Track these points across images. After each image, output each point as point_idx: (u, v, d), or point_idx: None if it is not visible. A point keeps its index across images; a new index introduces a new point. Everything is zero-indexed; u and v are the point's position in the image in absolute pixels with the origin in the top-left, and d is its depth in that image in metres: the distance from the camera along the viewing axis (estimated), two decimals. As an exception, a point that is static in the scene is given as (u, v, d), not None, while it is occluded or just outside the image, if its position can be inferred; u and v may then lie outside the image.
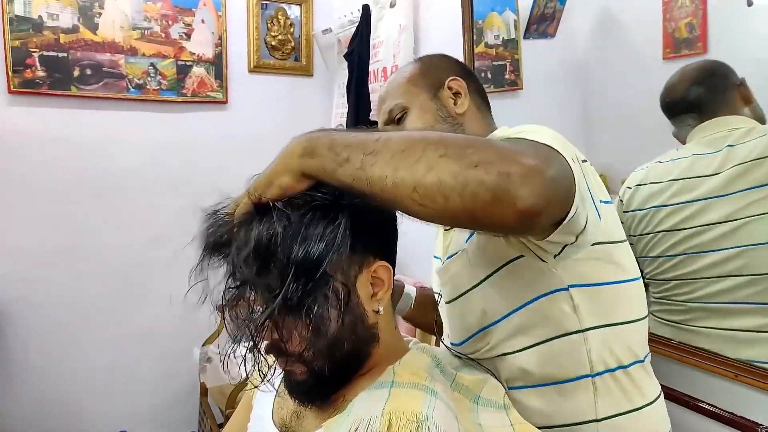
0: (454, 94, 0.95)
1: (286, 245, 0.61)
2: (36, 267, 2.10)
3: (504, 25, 1.57)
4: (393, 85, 0.97)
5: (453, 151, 0.51)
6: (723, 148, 1.10)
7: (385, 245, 0.69)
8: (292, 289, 0.60)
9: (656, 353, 1.03)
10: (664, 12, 1.19)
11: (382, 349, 0.69)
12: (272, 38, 2.45)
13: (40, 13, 2.05)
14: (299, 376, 0.67)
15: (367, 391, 0.65)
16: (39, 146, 2.09)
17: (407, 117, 0.93)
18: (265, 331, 0.63)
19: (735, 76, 1.10)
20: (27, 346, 2.11)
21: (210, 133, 2.34)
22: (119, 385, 2.25)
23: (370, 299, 0.67)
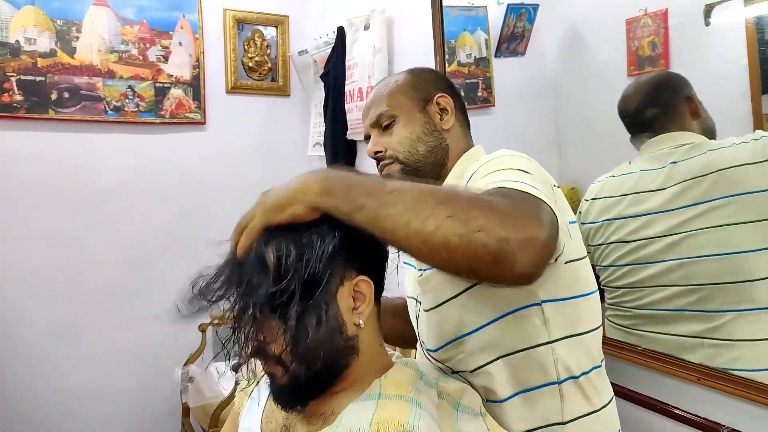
0: (441, 110, 0.96)
1: (281, 255, 0.63)
2: (14, 286, 2.04)
3: (476, 44, 1.58)
4: (383, 91, 0.97)
5: (459, 213, 0.55)
6: (667, 164, 1.14)
7: (369, 262, 0.69)
8: (275, 293, 0.62)
9: (610, 356, 1.08)
10: (627, 31, 1.21)
11: (364, 362, 0.69)
12: (249, 59, 2.43)
13: (18, 37, 2.02)
14: (280, 379, 0.67)
15: (355, 403, 0.66)
16: (17, 168, 2.04)
17: (395, 125, 0.94)
18: (250, 331, 0.64)
19: (687, 88, 1.13)
20: (2, 366, 2.03)
21: (189, 154, 2.31)
22: (99, 406, 2.18)
23: (350, 312, 0.67)
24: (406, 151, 0.92)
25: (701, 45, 1.10)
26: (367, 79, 1.93)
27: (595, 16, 1.30)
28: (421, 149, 0.92)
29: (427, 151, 0.92)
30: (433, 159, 0.93)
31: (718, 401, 1.01)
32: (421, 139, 0.92)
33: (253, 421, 0.78)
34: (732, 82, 1.03)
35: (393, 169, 0.93)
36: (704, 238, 1.04)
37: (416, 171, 0.92)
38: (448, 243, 0.55)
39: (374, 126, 0.96)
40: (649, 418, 1.11)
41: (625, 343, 1.18)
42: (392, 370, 0.72)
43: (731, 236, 0.99)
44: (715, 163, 1.07)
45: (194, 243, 2.28)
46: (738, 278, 1.03)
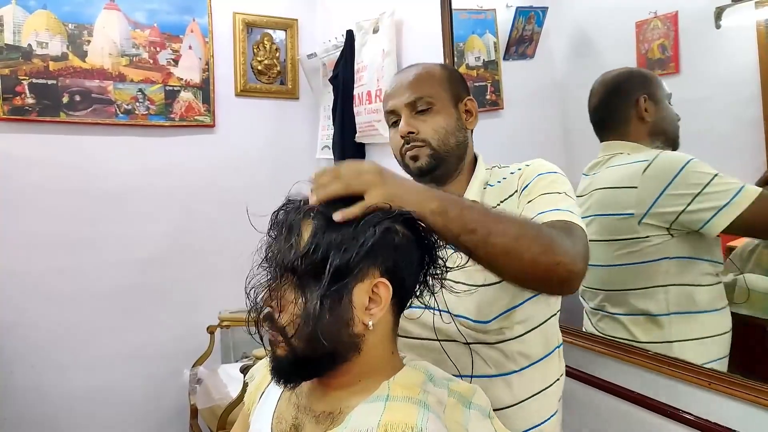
0: (467, 111, 1.03)
1: (320, 238, 0.66)
2: (25, 288, 2.06)
3: (484, 48, 1.58)
4: (422, 77, 1.00)
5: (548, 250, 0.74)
6: (590, 174, 1.25)
7: (397, 269, 0.70)
8: (299, 264, 0.65)
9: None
10: (637, 34, 1.20)
11: (369, 363, 0.70)
12: (258, 63, 2.44)
13: (30, 41, 2.04)
14: (279, 349, 0.69)
15: (363, 404, 0.66)
16: (29, 171, 2.06)
17: (431, 112, 0.98)
18: (268, 290, 0.68)
19: (641, 89, 1.17)
20: (14, 367, 2.05)
21: (198, 157, 2.32)
22: (108, 407, 2.19)
23: (363, 310, 0.67)
24: (439, 139, 0.98)
25: (712, 48, 1.09)
26: (375, 82, 1.93)
27: (605, 18, 1.29)
28: (452, 142, 0.99)
29: (456, 145, 0.99)
30: (457, 153, 1.00)
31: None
32: (453, 132, 0.99)
33: (264, 421, 0.78)
34: (743, 85, 1.03)
35: (423, 152, 0.98)
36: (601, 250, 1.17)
37: (442, 160, 0.98)
38: (537, 272, 0.74)
39: (409, 107, 0.99)
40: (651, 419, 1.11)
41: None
42: (401, 372, 0.72)
43: (596, 252, 1.09)
44: (600, 180, 1.21)
45: (203, 245, 2.30)
46: (613, 287, 1.21)
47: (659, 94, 1.17)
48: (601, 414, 1.22)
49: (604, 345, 1.21)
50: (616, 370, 1.19)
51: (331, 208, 0.68)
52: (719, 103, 1.07)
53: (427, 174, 0.99)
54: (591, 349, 1.24)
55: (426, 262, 0.73)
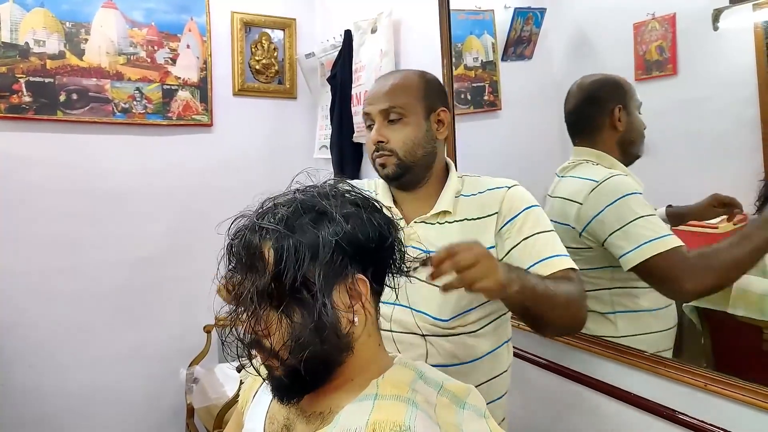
0: (439, 122, 1.07)
1: (282, 253, 0.65)
2: (23, 287, 2.05)
3: (482, 48, 1.58)
4: (398, 87, 1.06)
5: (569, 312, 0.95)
6: (563, 176, 1.30)
7: (368, 262, 0.70)
8: (273, 287, 0.65)
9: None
10: (635, 35, 1.21)
11: (359, 360, 0.71)
12: (256, 62, 2.44)
13: (27, 39, 2.03)
14: (276, 372, 0.69)
15: (352, 403, 0.67)
16: (26, 170, 2.05)
17: (401, 122, 1.04)
18: (251, 320, 0.67)
19: (616, 99, 1.20)
20: (12, 367, 2.05)
21: (196, 156, 2.32)
22: (106, 406, 2.19)
23: (346, 309, 0.68)
24: (406, 150, 1.04)
25: (709, 49, 1.10)
26: (373, 82, 1.93)
27: (603, 20, 1.30)
28: (419, 153, 1.04)
29: (423, 156, 1.05)
30: (424, 163, 1.06)
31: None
32: (421, 144, 1.04)
33: (257, 422, 0.79)
34: (740, 86, 1.03)
35: (390, 161, 1.05)
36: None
37: (408, 169, 1.05)
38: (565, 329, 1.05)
39: (382, 114, 1.05)
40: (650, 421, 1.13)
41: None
42: (390, 370, 0.73)
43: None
44: (561, 188, 1.28)
45: (200, 244, 2.29)
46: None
47: (632, 104, 1.21)
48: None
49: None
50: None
51: (287, 222, 0.67)
52: (717, 105, 1.07)
53: (393, 180, 1.07)
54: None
55: (390, 247, 0.73)
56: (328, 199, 0.70)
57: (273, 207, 0.70)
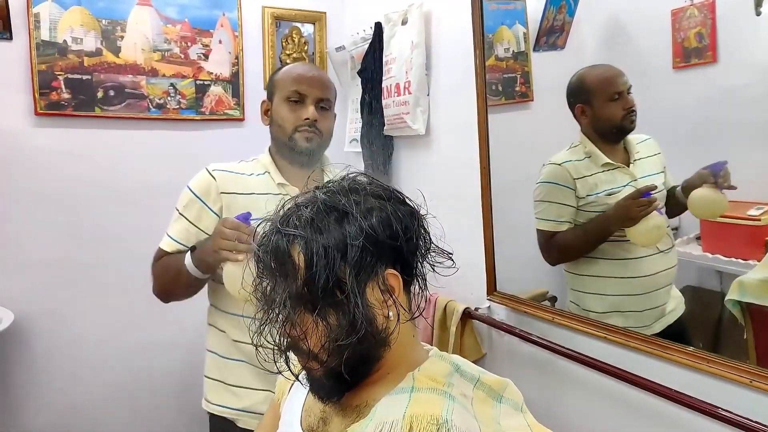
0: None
1: (310, 252, 0.67)
2: (59, 280, 2.13)
3: (514, 39, 1.58)
4: (329, 82, 1.37)
5: None
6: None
7: (397, 255, 0.71)
8: (306, 290, 0.66)
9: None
10: (673, 22, 1.19)
11: (396, 354, 0.71)
12: (287, 56, 2.49)
13: (65, 37, 2.10)
14: (316, 373, 0.71)
15: (389, 396, 0.68)
16: (64, 165, 2.13)
17: (327, 112, 1.35)
18: (284, 326, 0.69)
19: (580, 97, 1.38)
20: (50, 357, 2.14)
21: (228, 150, 2.36)
22: (141, 396, 2.27)
23: (380, 305, 0.69)
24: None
25: (751, 35, 1.08)
26: (404, 74, 1.95)
27: (639, 7, 1.28)
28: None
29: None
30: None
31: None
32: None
33: (294, 414, 0.81)
34: (783, 73, 1.01)
35: (316, 139, 1.30)
36: None
37: (321, 151, 1.36)
38: None
39: (318, 100, 1.30)
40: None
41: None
42: (426, 363, 0.74)
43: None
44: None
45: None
46: None
47: (598, 99, 1.37)
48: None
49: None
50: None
51: (308, 229, 0.68)
52: (759, 92, 1.05)
53: (309, 155, 1.30)
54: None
55: (418, 236, 0.74)
56: (349, 195, 0.70)
57: (296, 209, 0.70)
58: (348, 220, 0.67)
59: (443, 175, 1.92)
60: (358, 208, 0.68)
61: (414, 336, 0.76)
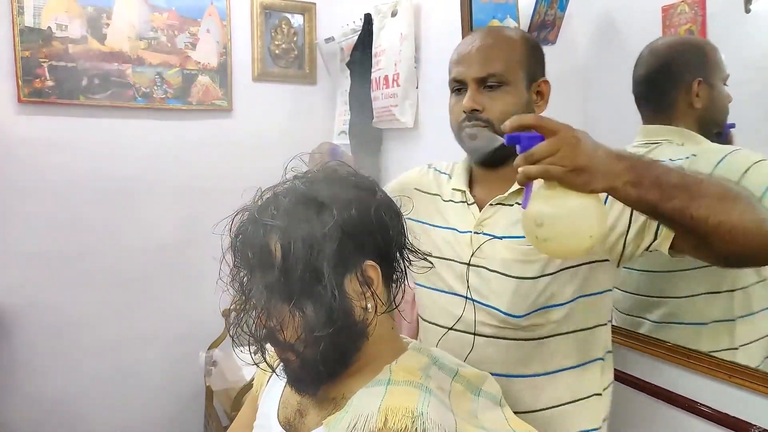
0: (538, 93, 0.95)
1: (286, 244, 0.65)
2: (43, 271, 2.09)
3: (504, 33, 1.56)
4: (499, 48, 0.92)
5: (751, 207, 0.70)
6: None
7: (376, 247, 0.69)
8: (283, 281, 0.64)
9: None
10: (663, 19, 1.17)
11: (375, 346, 0.70)
12: (276, 47, 2.44)
13: (50, 24, 2.04)
14: (292, 364, 0.69)
15: (365, 388, 0.67)
16: (47, 154, 2.08)
17: (500, 90, 0.91)
18: (261, 316, 0.67)
19: (698, 70, 1.04)
20: (34, 349, 2.10)
21: (215, 140, 2.33)
22: (125, 388, 2.23)
23: (358, 296, 0.67)
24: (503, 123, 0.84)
25: (741, 33, 1.06)
26: (393, 66, 1.92)
27: (630, 3, 1.26)
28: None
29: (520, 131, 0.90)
30: None
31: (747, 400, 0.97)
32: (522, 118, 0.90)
33: (271, 406, 0.80)
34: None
35: (483, 133, 0.90)
36: None
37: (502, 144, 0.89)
38: (747, 230, 0.69)
39: (477, 81, 0.91)
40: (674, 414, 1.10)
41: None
42: (404, 355, 0.72)
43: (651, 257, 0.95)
44: None
45: (218, 229, 2.31)
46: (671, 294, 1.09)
47: (715, 77, 1.03)
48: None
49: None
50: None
51: (292, 217, 0.66)
52: (749, 90, 1.04)
53: (483, 155, 0.93)
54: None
55: (397, 230, 0.72)
56: (329, 186, 0.68)
57: (273, 198, 0.68)
58: (326, 210, 0.65)
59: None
60: (338, 199, 0.66)
61: (393, 328, 0.75)
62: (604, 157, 0.68)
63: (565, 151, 0.66)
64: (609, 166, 0.68)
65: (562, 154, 0.66)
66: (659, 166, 0.71)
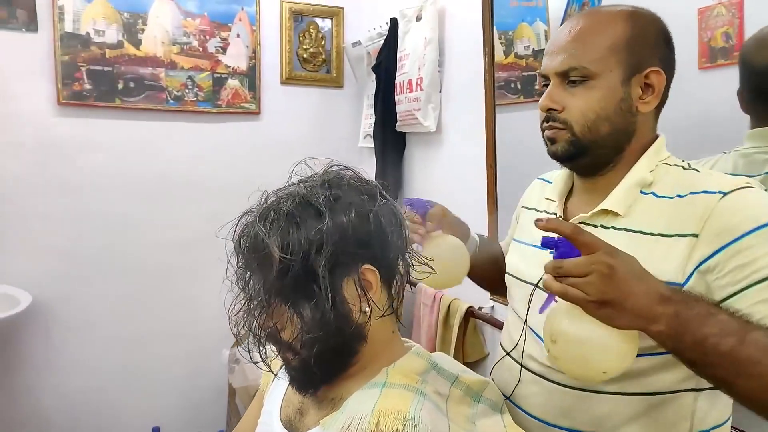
0: (646, 86, 0.75)
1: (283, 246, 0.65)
2: (76, 266, 2.11)
3: (534, 36, 1.49)
4: (589, 34, 0.75)
5: None
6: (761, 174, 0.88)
7: (375, 252, 0.68)
8: (281, 283, 0.65)
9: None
10: (699, 21, 1.10)
11: (373, 348, 0.70)
12: (304, 51, 2.42)
13: (88, 29, 2.07)
14: (292, 363, 0.70)
15: (361, 390, 0.67)
16: (84, 154, 2.11)
17: (585, 85, 0.74)
18: (261, 316, 0.67)
19: None
20: (68, 341, 2.12)
21: (243, 143, 2.33)
22: (152, 382, 2.24)
23: (357, 299, 0.67)
24: (586, 125, 0.74)
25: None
26: (417, 70, 1.88)
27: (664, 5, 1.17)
28: (604, 130, 0.74)
29: (609, 134, 0.75)
30: (611, 143, 0.76)
31: None
32: (609, 118, 0.74)
33: (274, 404, 0.80)
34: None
35: (561, 136, 0.76)
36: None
37: (585, 149, 0.75)
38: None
39: (559, 75, 0.76)
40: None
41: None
42: (402, 359, 0.71)
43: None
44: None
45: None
46: None
47: None
48: None
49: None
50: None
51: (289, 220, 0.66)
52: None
53: (565, 161, 0.79)
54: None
55: (398, 234, 0.71)
56: (329, 190, 0.68)
57: (276, 202, 0.68)
58: (325, 215, 0.65)
59: (453, 172, 1.84)
60: (337, 204, 0.66)
61: (393, 332, 0.74)
62: (643, 296, 0.57)
63: (594, 278, 0.57)
64: (646, 308, 0.57)
65: (589, 280, 0.57)
66: (715, 321, 0.57)
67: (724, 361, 0.57)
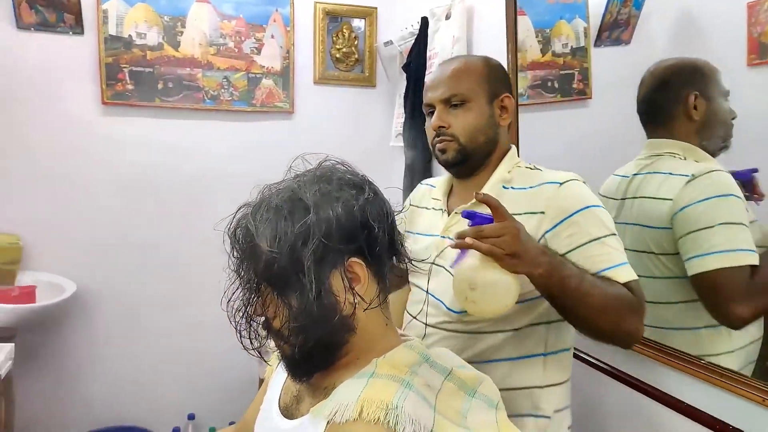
0: (502, 108, 1.01)
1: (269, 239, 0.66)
2: (119, 258, 2.14)
3: (573, 34, 1.41)
4: (460, 72, 1.00)
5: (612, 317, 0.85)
6: (629, 175, 1.14)
7: (363, 245, 0.68)
8: (269, 273, 0.66)
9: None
10: (749, 16, 1.02)
11: (365, 340, 0.70)
12: (337, 51, 2.39)
13: (130, 32, 2.09)
14: (285, 351, 0.70)
15: (350, 380, 0.67)
16: (127, 151, 2.14)
17: (463, 107, 0.99)
18: (254, 304, 0.69)
19: (694, 84, 1.06)
20: (111, 330, 2.15)
21: (277, 141, 2.31)
22: (190, 372, 2.25)
23: (345, 291, 0.67)
24: (467, 136, 0.98)
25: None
26: (439, 68, 1.83)
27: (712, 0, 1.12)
28: (481, 139, 0.99)
29: (484, 142, 0.99)
30: (486, 149, 1.00)
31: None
32: (482, 130, 0.99)
33: (275, 391, 0.81)
34: None
35: (450, 146, 0.99)
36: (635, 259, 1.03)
37: (469, 155, 0.99)
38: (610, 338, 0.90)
39: (443, 102, 0.99)
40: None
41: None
42: (393, 350, 0.71)
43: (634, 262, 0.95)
44: (642, 188, 1.11)
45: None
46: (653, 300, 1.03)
47: (712, 91, 1.04)
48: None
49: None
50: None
51: (278, 211, 0.67)
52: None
53: (452, 167, 1.02)
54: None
55: (388, 229, 0.71)
56: (320, 184, 0.68)
57: (269, 196, 0.69)
58: (314, 208, 0.66)
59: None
60: (327, 197, 0.67)
61: (387, 325, 0.74)
62: (533, 249, 0.81)
63: (507, 238, 0.79)
64: (535, 258, 0.81)
65: (504, 239, 0.79)
66: (569, 268, 0.84)
67: (574, 294, 0.82)
